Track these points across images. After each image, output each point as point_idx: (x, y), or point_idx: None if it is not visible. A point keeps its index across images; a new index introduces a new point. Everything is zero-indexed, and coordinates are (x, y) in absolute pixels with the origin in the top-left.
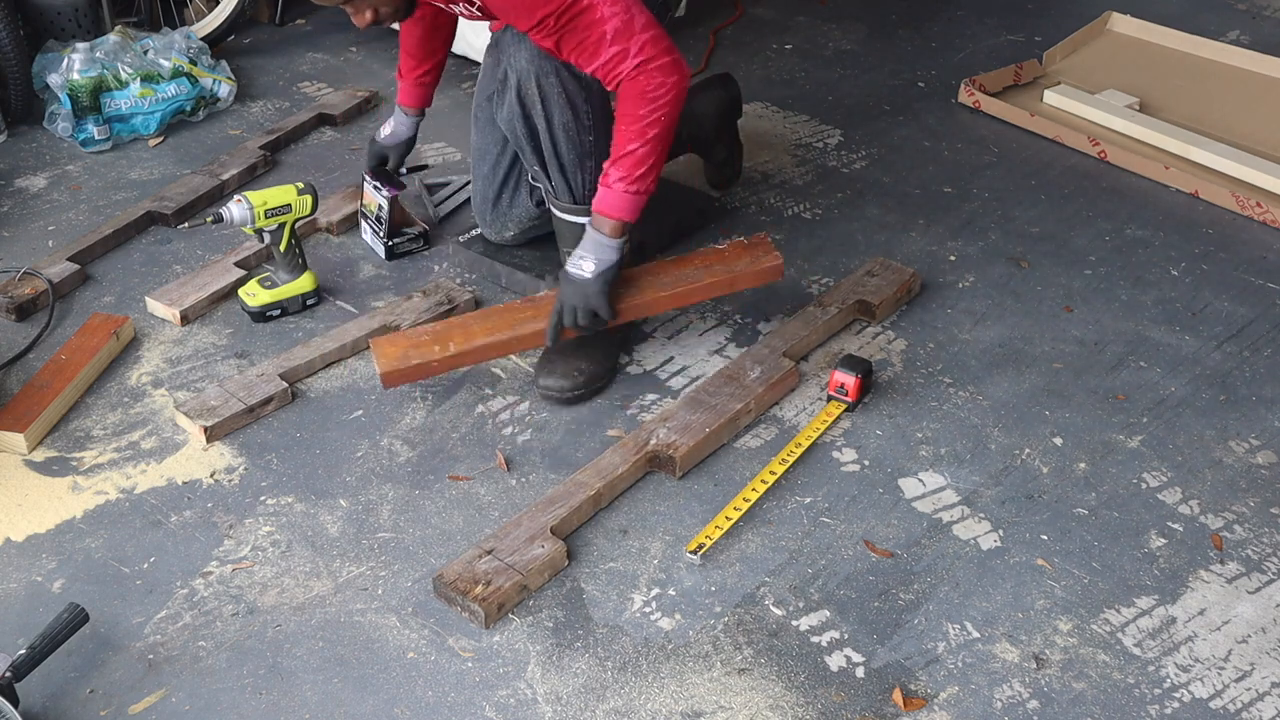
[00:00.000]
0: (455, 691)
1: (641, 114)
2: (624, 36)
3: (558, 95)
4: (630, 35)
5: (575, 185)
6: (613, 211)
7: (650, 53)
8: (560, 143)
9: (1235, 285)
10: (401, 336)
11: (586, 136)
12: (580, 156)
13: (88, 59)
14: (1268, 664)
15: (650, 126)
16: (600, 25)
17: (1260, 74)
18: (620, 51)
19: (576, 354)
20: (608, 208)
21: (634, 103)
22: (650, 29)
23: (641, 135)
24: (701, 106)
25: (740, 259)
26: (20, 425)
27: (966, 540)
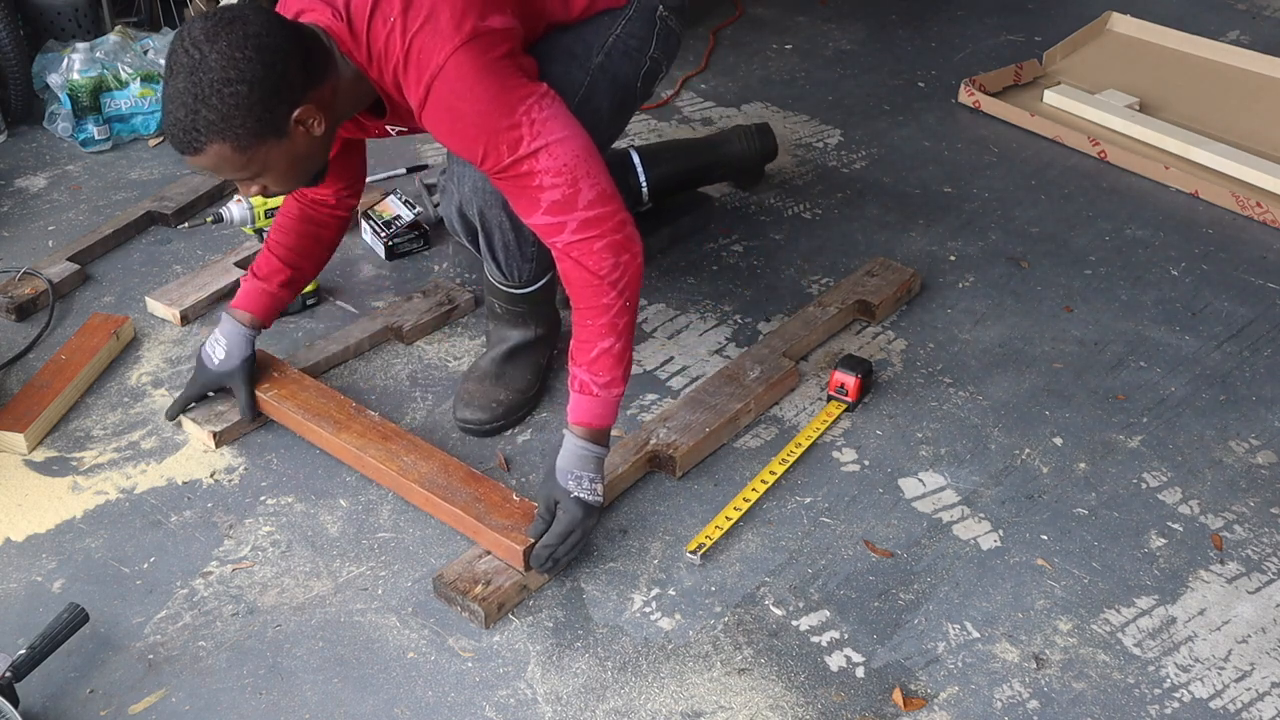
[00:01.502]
0: (455, 691)
1: (606, 303)
2: (561, 210)
3: (500, 221)
4: (571, 209)
5: (510, 277)
6: (604, 421)
7: (592, 231)
8: (499, 254)
9: (1235, 285)
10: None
11: (529, 248)
12: (520, 262)
13: (88, 59)
14: (1268, 664)
15: (620, 316)
16: (536, 193)
17: (1260, 74)
18: (556, 224)
19: (496, 384)
20: (599, 419)
21: (592, 290)
22: (597, 206)
23: (613, 328)
24: (735, 156)
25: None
26: (20, 425)
27: (966, 540)
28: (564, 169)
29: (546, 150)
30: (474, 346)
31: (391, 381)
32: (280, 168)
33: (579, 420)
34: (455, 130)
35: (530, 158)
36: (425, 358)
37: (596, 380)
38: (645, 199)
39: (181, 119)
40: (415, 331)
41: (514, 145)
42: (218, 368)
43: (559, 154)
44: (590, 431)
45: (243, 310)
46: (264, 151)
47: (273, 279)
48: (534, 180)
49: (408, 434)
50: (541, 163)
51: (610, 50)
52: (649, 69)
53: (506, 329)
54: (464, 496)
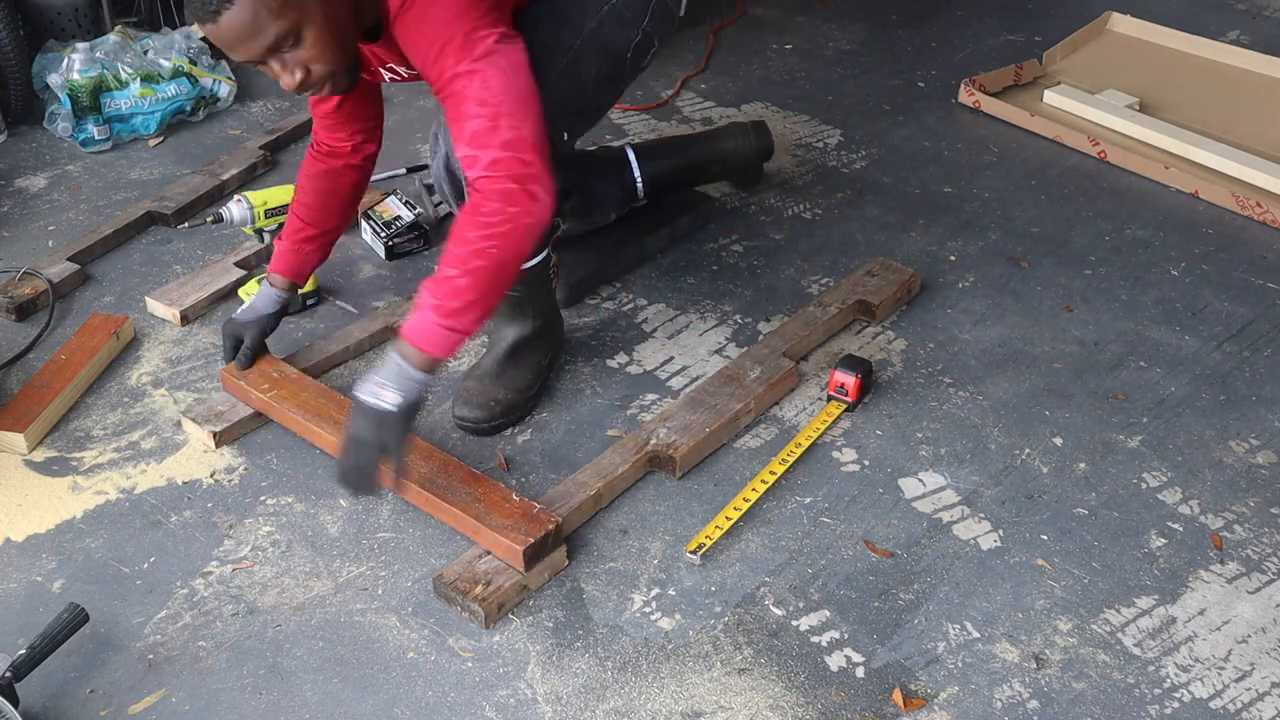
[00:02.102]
0: (455, 691)
1: (470, 237)
2: (479, 141)
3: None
4: (486, 144)
5: None
6: (421, 341)
7: (496, 171)
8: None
9: (1235, 285)
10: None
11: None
12: None
13: (88, 59)
14: (1268, 664)
15: (475, 256)
16: (463, 119)
17: (1260, 74)
18: (471, 155)
19: (495, 383)
20: (416, 335)
21: (468, 220)
22: (512, 149)
23: (464, 263)
24: (732, 153)
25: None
26: (20, 425)
27: (966, 540)
28: (489, 100)
29: (481, 75)
30: (473, 346)
31: None
32: (317, 18)
33: (404, 332)
34: (420, 29)
35: (466, 76)
36: None
37: (427, 298)
38: (641, 195)
39: None
40: None
41: (458, 58)
42: (238, 317)
43: (491, 84)
44: (403, 345)
45: (273, 272)
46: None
47: (295, 237)
48: (462, 103)
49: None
50: (473, 86)
51: (604, 18)
52: (640, 41)
53: (505, 325)
54: (464, 496)
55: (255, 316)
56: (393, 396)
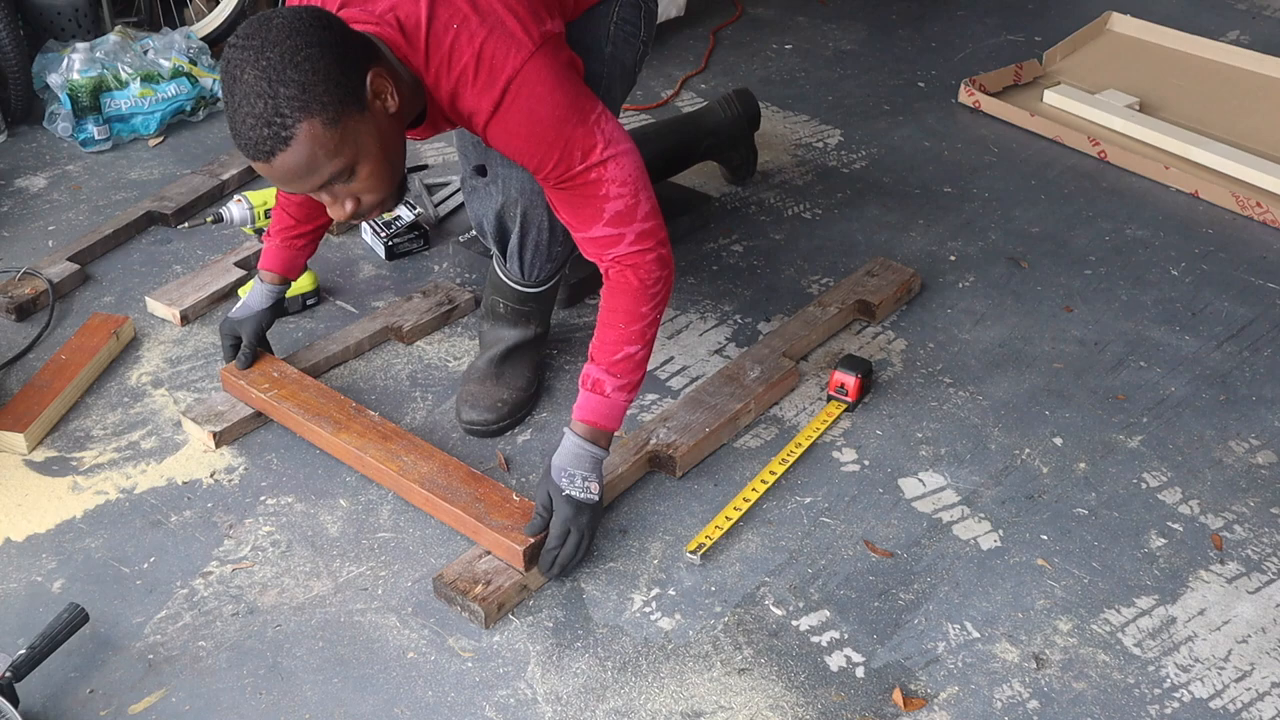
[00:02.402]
0: (455, 691)
1: (643, 311)
2: (623, 221)
3: (540, 222)
4: (630, 221)
5: (530, 274)
6: (611, 423)
7: (648, 243)
8: (527, 251)
9: (1235, 285)
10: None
11: (556, 248)
12: (545, 262)
13: (88, 59)
14: (1268, 664)
15: (650, 327)
16: (601, 202)
17: (1260, 74)
18: (615, 236)
19: (498, 384)
20: (606, 420)
21: (634, 297)
22: (651, 218)
23: (643, 337)
24: (720, 123)
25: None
26: (20, 425)
27: (966, 540)
28: (629, 180)
29: (615, 160)
30: (474, 346)
31: (391, 381)
32: (373, 152)
33: (584, 418)
34: (532, 133)
35: (600, 166)
36: (425, 358)
37: (613, 381)
38: None
39: (262, 111)
40: (415, 331)
41: (587, 153)
42: (233, 315)
43: (626, 165)
44: (592, 431)
45: (264, 270)
46: (353, 127)
47: (286, 234)
48: (600, 189)
49: (408, 434)
50: (610, 171)
51: (614, 39)
52: (642, 53)
53: (505, 329)
54: (464, 496)
55: (250, 314)
56: (596, 486)
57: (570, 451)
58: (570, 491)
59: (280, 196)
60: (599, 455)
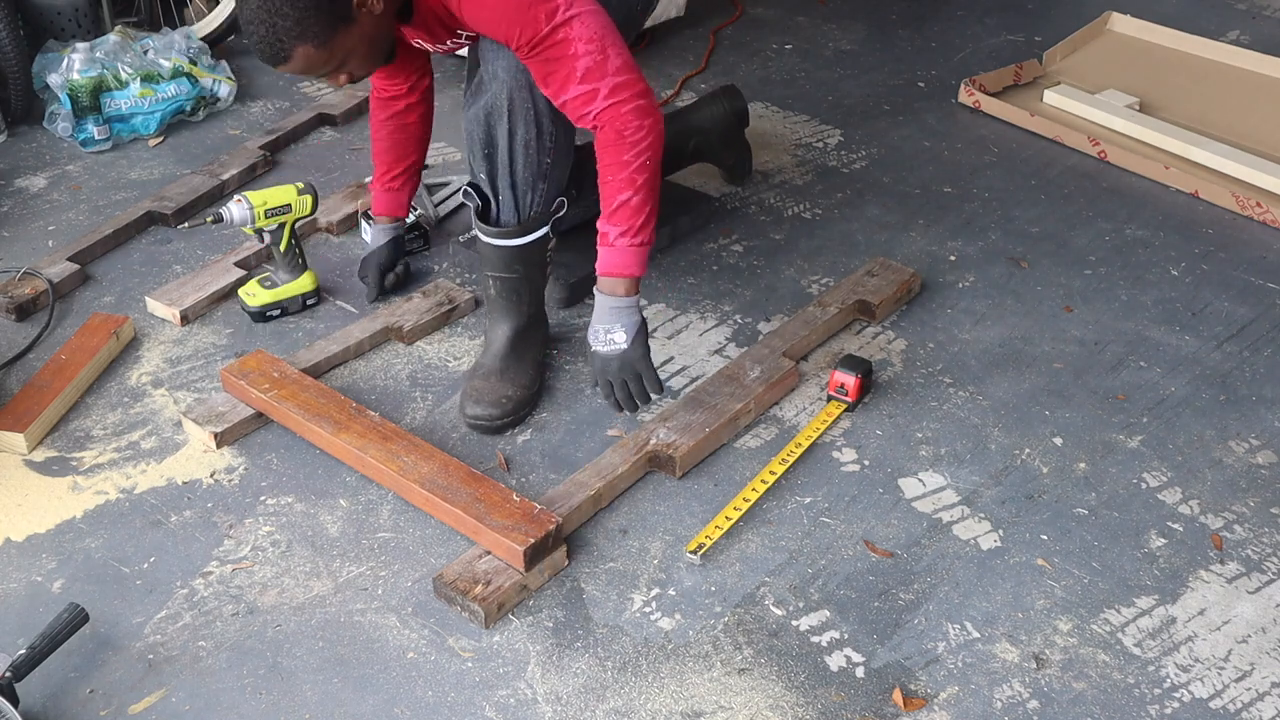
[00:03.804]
0: (455, 691)
1: (626, 159)
2: (594, 76)
3: (527, 111)
4: (602, 75)
5: (523, 205)
6: (623, 269)
7: (622, 95)
8: (518, 159)
9: (1235, 285)
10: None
11: (545, 158)
12: (534, 177)
13: (88, 59)
14: (1268, 664)
15: (638, 172)
16: (572, 61)
17: (1260, 74)
18: (589, 91)
19: (502, 380)
20: (616, 267)
21: (614, 149)
22: (625, 72)
23: (631, 183)
24: (706, 120)
25: (502, 515)
26: (20, 425)
27: (966, 540)
28: (594, 36)
29: (579, 19)
30: (474, 346)
31: (391, 381)
32: (360, 52)
33: (603, 270)
34: (499, 3)
35: (565, 25)
36: (425, 358)
37: (616, 229)
38: None
39: (264, 35)
40: (415, 331)
41: (550, 14)
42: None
43: (590, 23)
44: (610, 282)
45: (378, 214)
46: (341, 41)
47: (384, 178)
48: (569, 48)
49: (408, 434)
50: (575, 29)
51: None
52: (645, 2)
53: (501, 318)
54: (464, 497)
55: (379, 244)
56: (621, 335)
57: (597, 310)
58: (596, 347)
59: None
60: (621, 305)
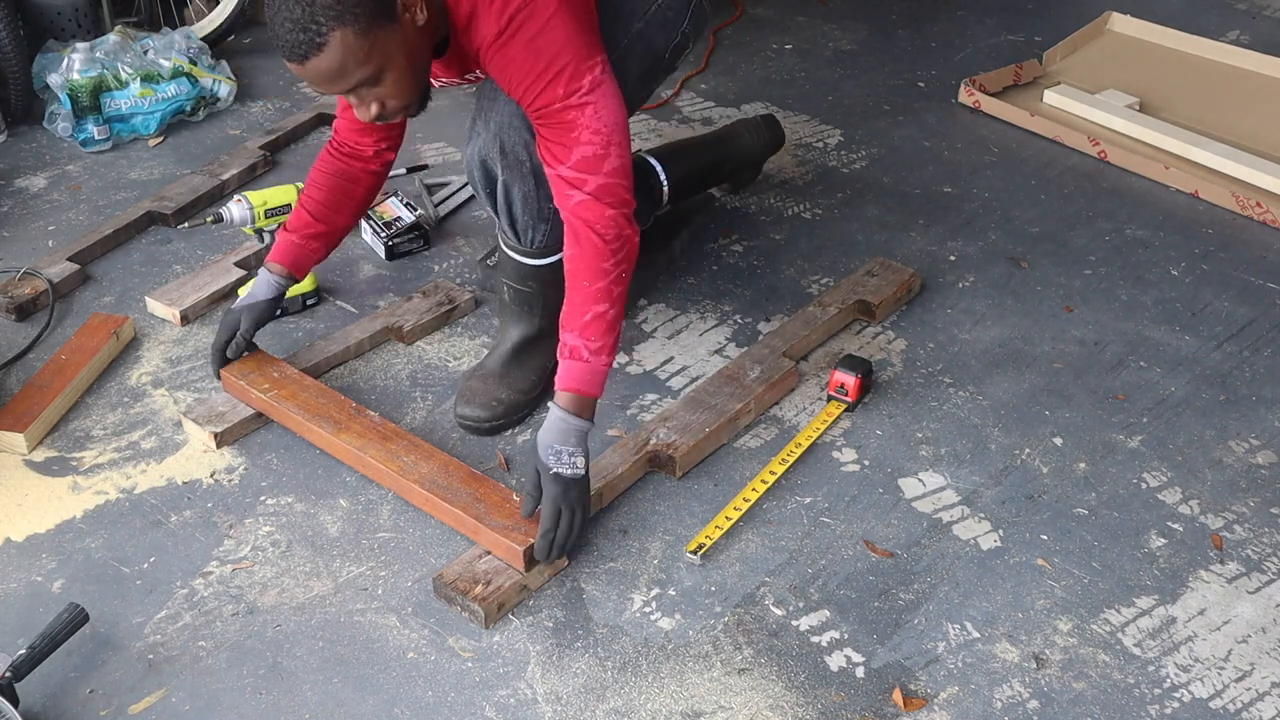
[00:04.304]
0: (455, 691)
1: (606, 268)
2: (588, 167)
3: (521, 164)
4: (595, 170)
5: (524, 240)
6: (591, 389)
7: (607, 198)
8: (516, 204)
9: (1235, 285)
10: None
11: (546, 204)
12: (535, 220)
13: (88, 59)
14: (1268, 664)
15: (615, 284)
16: (573, 144)
17: (1260, 74)
18: (577, 179)
19: (499, 383)
20: (585, 385)
21: (594, 253)
22: (618, 176)
23: (608, 295)
24: (749, 151)
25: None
26: (20, 425)
27: (966, 540)
28: (603, 130)
29: (595, 107)
30: (474, 347)
31: (391, 381)
32: (399, 64)
33: (566, 386)
34: (527, 59)
35: (578, 108)
36: (425, 358)
37: (588, 345)
38: (665, 202)
39: (299, 16)
40: (415, 332)
41: (570, 91)
42: (237, 304)
43: (603, 113)
44: (576, 400)
45: (273, 262)
46: (382, 40)
47: (302, 231)
48: (573, 131)
49: (408, 434)
50: (586, 115)
51: (650, 18)
52: (679, 43)
53: (512, 323)
54: (464, 497)
55: (251, 303)
56: (582, 461)
57: (555, 427)
58: (557, 469)
59: (303, 195)
60: (583, 428)
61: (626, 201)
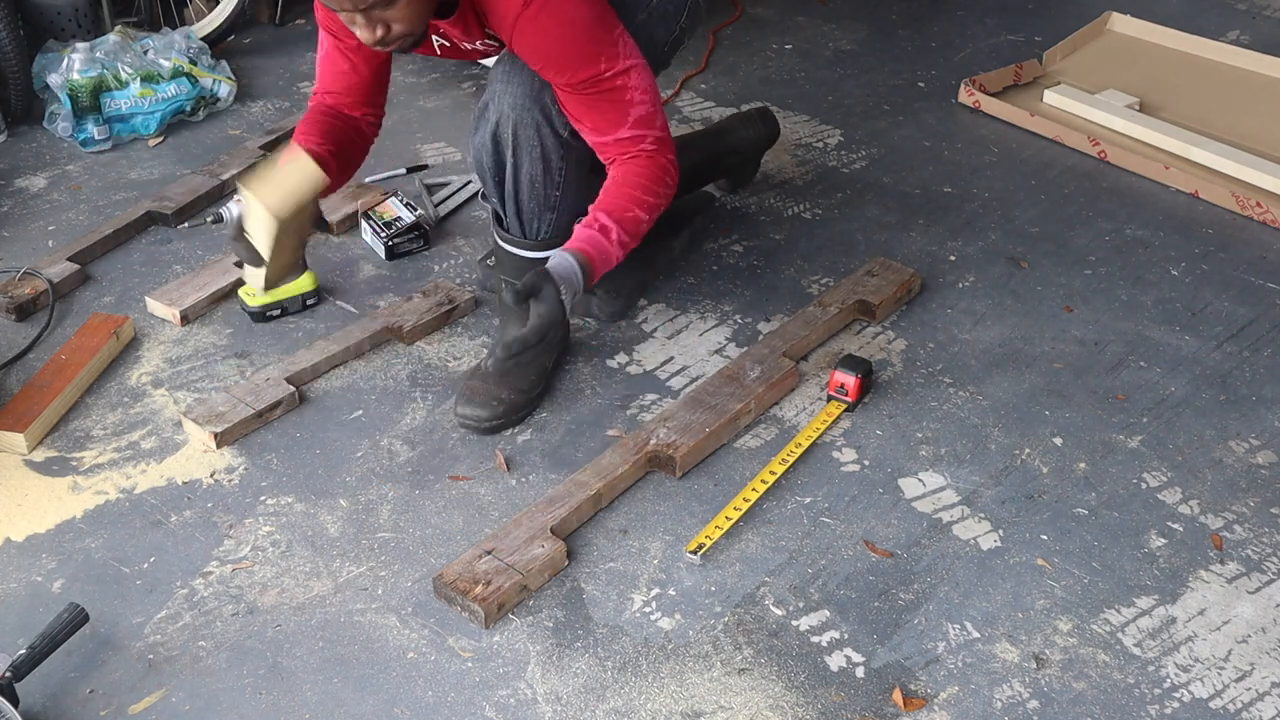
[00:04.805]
0: (455, 691)
1: (659, 190)
2: (646, 124)
3: (533, 147)
4: (652, 125)
5: (529, 230)
6: (604, 264)
7: (664, 148)
8: (523, 190)
9: (1235, 285)
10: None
11: (553, 191)
12: (541, 208)
13: (88, 59)
14: (1268, 664)
15: (658, 207)
16: (627, 106)
17: (1260, 74)
18: (639, 135)
19: (499, 383)
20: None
21: (651, 179)
22: (666, 130)
23: (652, 211)
24: (745, 145)
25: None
26: (20, 425)
27: (966, 540)
28: (649, 88)
29: (636, 70)
30: (474, 347)
31: (391, 381)
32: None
33: (586, 252)
34: (562, 35)
35: (625, 73)
36: (425, 358)
37: (620, 230)
38: None
39: None
40: (415, 332)
41: (612, 59)
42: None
43: (646, 76)
44: (590, 266)
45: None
46: None
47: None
48: (627, 94)
49: None
50: (634, 79)
51: (652, 10)
52: (675, 37)
53: (514, 324)
54: None
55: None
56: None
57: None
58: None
59: (304, 119)
60: (579, 286)
61: (674, 150)
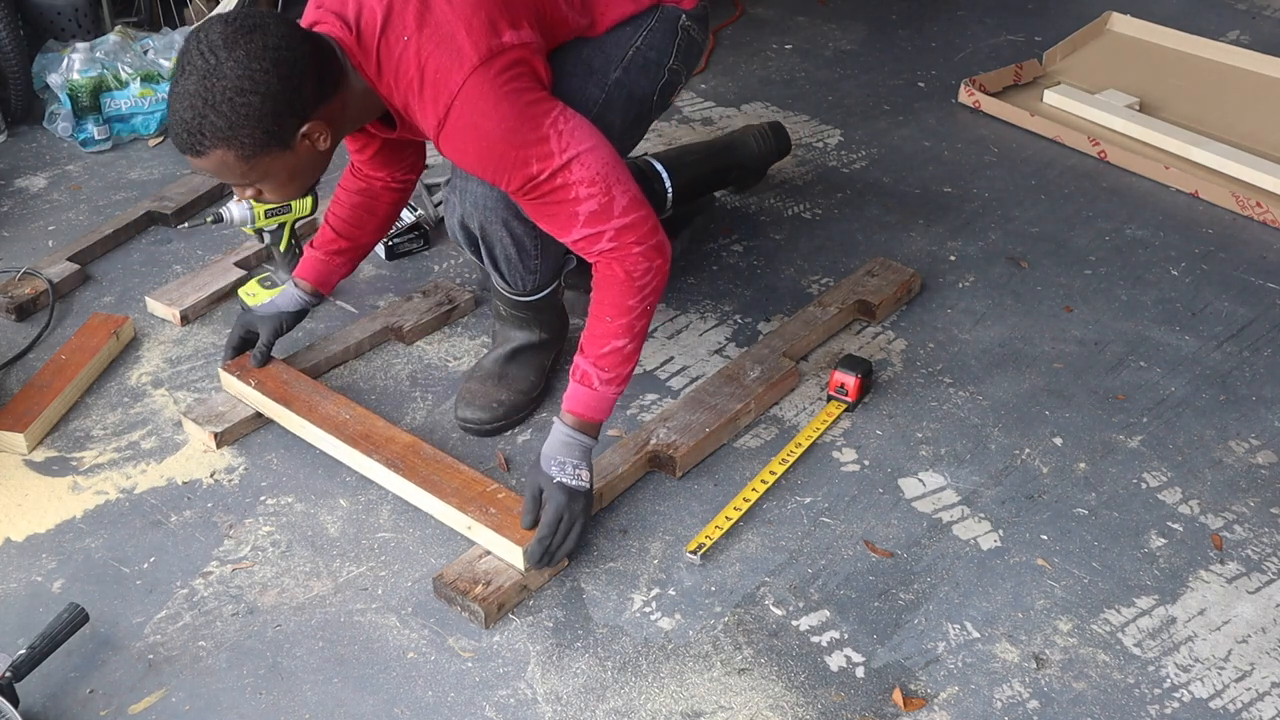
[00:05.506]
0: (455, 691)
1: (630, 304)
2: (599, 219)
3: (502, 237)
4: (608, 218)
5: (515, 288)
6: (596, 415)
7: (629, 237)
8: (501, 265)
9: (1235, 285)
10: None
11: (532, 262)
12: (523, 274)
13: (88, 59)
14: (1268, 664)
15: (639, 319)
16: (573, 205)
17: (1260, 74)
18: (594, 234)
19: (499, 384)
20: (593, 411)
21: (620, 290)
22: (631, 211)
23: (629, 330)
24: (756, 159)
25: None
26: (20, 425)
27: (966, 540)
28: (597, 178)
29: (578, 160)
30: (474, 347)
31: (391, 381)
32: (280, 178)
33: (573, 409)
34: (481, 150)
35: (563, 170)
36: (425, 358)
37: (601, 374)
38: (669, 206)
39: (188, 120)
40: (415, 331)
41: (544, 158)
42: (257, 310)
43: (590, 163)
44: (581, 423)
45: (299, 278)
46: (266, 161)
47: (326, 248)
48: (569, 193)
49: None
50: (575, 173)
51: (629, 65)
52: (667, 81)
53: (511, 330)
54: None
55: (274, 312)
56: (586, 475)
57: (560, 441)
58: (562, 479)
59: (327, 212)
60: (588, 444)
61: (650, 229)
